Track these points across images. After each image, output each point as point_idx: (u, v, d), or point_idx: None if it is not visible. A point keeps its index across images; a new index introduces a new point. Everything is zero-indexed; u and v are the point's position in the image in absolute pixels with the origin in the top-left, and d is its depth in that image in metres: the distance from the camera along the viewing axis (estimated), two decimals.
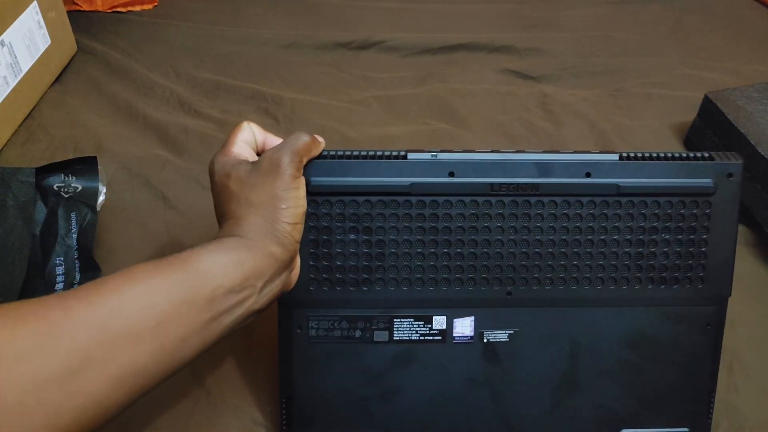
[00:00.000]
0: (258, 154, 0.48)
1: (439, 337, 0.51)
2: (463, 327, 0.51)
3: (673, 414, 0.52)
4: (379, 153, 0.49)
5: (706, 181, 0.49)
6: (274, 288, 0.44)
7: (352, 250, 0.49)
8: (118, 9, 1.03)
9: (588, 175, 0.49)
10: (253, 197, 0.43)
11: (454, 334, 0.51)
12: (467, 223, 0.49)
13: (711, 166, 0.49)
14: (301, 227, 0.45)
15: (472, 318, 0.51)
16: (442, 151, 0.49)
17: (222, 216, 0.45)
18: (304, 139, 0.46)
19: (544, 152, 0.49)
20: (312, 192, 0.48)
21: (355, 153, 0.49)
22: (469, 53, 0.99)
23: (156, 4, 1.06)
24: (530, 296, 0.50)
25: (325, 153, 0.49)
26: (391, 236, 0.49)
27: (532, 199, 0.49)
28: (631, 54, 1.01)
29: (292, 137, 0.46)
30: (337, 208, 0.49)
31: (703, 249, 0.50)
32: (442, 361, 0.51)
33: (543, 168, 0.49)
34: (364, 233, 0.49)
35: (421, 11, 1.09)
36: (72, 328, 0.34)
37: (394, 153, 0.49)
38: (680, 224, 0.50)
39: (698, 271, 0.50)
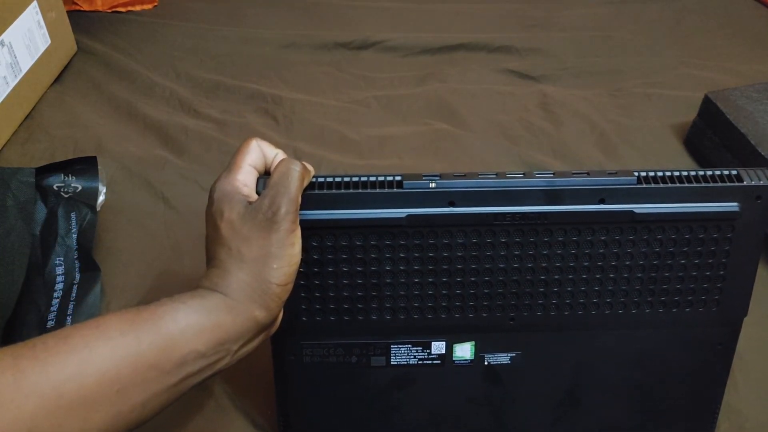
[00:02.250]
0: (267, 172, 0.44)
1: (438, 361, 0.48)
2: (463, 351, 0.48)
3: (678, 427, 0.52)
4: (372, 179, 0.44)
5: (732, 206, 0.44)
6: (250, 348, 0.41)
7: (345, 281, 0.46)
8: (118, 9, 1.03)
9: (602, 201, 0.44)
10: (244, 250, 0.39)
11: (454, 358, 0.48)
12: (468, 252, 0.45)
13: (738, 188, 0.44)
14: (290, 287, 0.41)
15: (472, 343, 0.48)
16: (441, 177, 0.44)
17: (210, 257, 0.42)
18: (296, 172, 0.41)
19: (554, 175, 0.44)
20: (302, 227, 0.42)
21: (346, 180, 0.44)
22: (469, 53, 0.99)
23: (156, 4, 1.06)
24: (534, 322, 0.47)
25: (315, 181, 0.44)
26: (387, 267, 0.45)
27: (540, 227, 0.45)
28: (631, 54, 1.01)
29: (284, 173, 0.41)
30: (329, 241, 0.45)
31: (722, 273, 0.46)
32: (442, 382, 0.49)
33: (552, 195, 0.44)
34: (358, 264, 0.45)
35: (421, 11, 1.09)
36: (20, 396, 0.32)
37: (389, 179, 0.44)
38: (699, 249, 0.45)
39: (714, 294, 0.47)
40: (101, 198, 0.69)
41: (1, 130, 0.79)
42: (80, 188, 0.68)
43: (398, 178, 0.44)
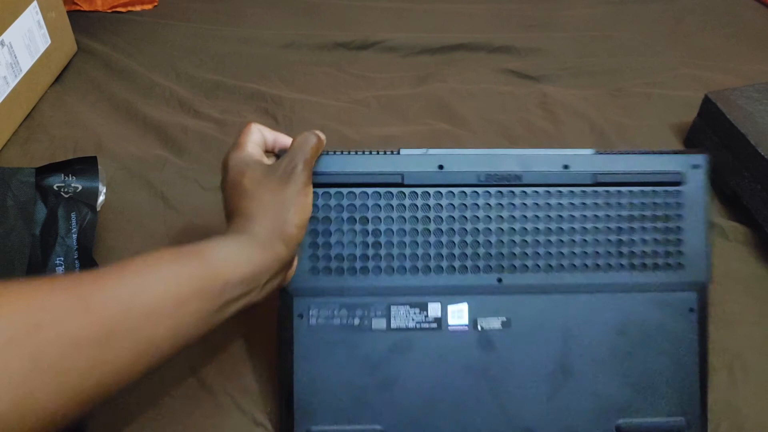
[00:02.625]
0: (271, 152, 0.52)
1: (435, 325, 0.53)
2: (458, 313, 0.53)
3: (667, 402, 0.54)
4: (374, 152, 0.53)
5: (675, 171, 0.54)
6: (274, 284, 0.48)
7: (349, 239, 0.52)
8: (118, 9, 1.03)
9: (566, 167, 0.53)
10: (266, 198, 0.46)
11: (449, 322, 0.53)
12: (457, 212, 0.53)
13: (678, 157, 0.55)
14: (304, 231, 0.48)
15: (466, 304, 0.53)
16: (432, 149, 0.54)
17: (233, 211, 0.48)
18: (312, 142, 0.49)
19: (528, 149, 0.54)
20: (312, 184, 0.50)
21: (352, 153, 0.53)
22: (469, 53, 0.99)
23: (156, 4, 1.06)
24: (520, 283, 0.53)
25: (324, 153, 0.52)
26: (386, 226, 0.53)
27: (516, 190, 0.53)
28: (631, 54, 1.01)
29: (302, 142, 0.49)
30: (335, 200, 0.53)
31: (679, 236, 0.54)
32: (439, 349, 0.53)
33: (524, 161, 0.53)
34: (361, 223, 0.53)
35: (421, 11, 1.09)
36: (102, 300, 0.37)
37: (389, 151, 0.53)
38: (655, 212, 0.54)
39: (676, 258, 0.54)
40: (101, 198, 0.70)
41: (1, 130, 0.80)
42: (80, 188, 0.68)
43: (396, 150, 0.53)
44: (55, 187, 0.66)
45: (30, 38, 0.84)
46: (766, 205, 0.70)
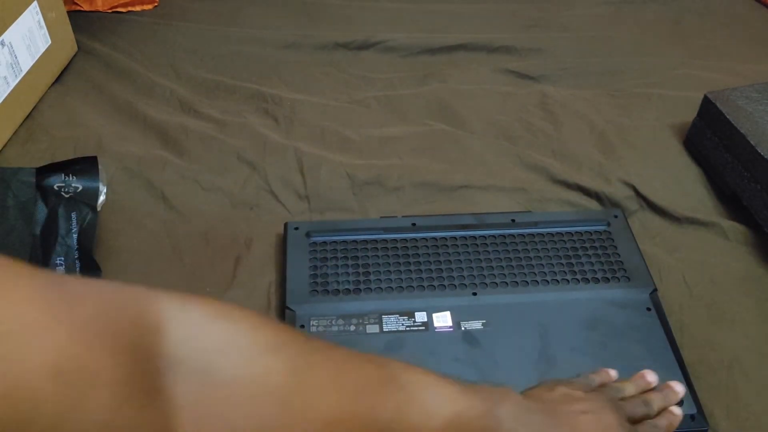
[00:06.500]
0: None
1: (423, 328, 0.60)
2: (442, 318, 0.61)
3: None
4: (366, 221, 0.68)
5: (601, 219, 0.70)
6: None
7: (344, 270, 0.64)
8: (118, 9, 1.03)
9: (513, 221, 0.69)
10: None
11: (435, 325, 0.60)
12: (432, 256, 0.66)
13: (600, 212, 0.72)
14: None
15: (448, 312, 0.61)
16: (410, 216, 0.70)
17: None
18: None
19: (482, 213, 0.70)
20: (317, 243, 0.66)
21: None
22: (469, 53, 0.99)
23: (156, 4, 1.06)
24: (492, 295, 0.63)
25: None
26: (374, 261, 0.65)
27: (478, 233, 0.68)
28: (631, 54, 1.01)
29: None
30: (331, 247, 0.66)
31: (619, 259, 0.66)
32: (428, 346, 0.59)
33: (480, 220, 0.69)
34: (352, 260, 0.65)
35: (421, 11, 1.09)
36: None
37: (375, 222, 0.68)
38: (594, 244, 0.67)
39: (621, 273, 0.65)
40: (102, 198, 0.70)
41: (2, 130, 0.80)
42: (81, 188, 0.68)
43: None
44: (55, 187, 0.66)
45: (30, 38, 0.84)
46: (766, 205, 0.70)
